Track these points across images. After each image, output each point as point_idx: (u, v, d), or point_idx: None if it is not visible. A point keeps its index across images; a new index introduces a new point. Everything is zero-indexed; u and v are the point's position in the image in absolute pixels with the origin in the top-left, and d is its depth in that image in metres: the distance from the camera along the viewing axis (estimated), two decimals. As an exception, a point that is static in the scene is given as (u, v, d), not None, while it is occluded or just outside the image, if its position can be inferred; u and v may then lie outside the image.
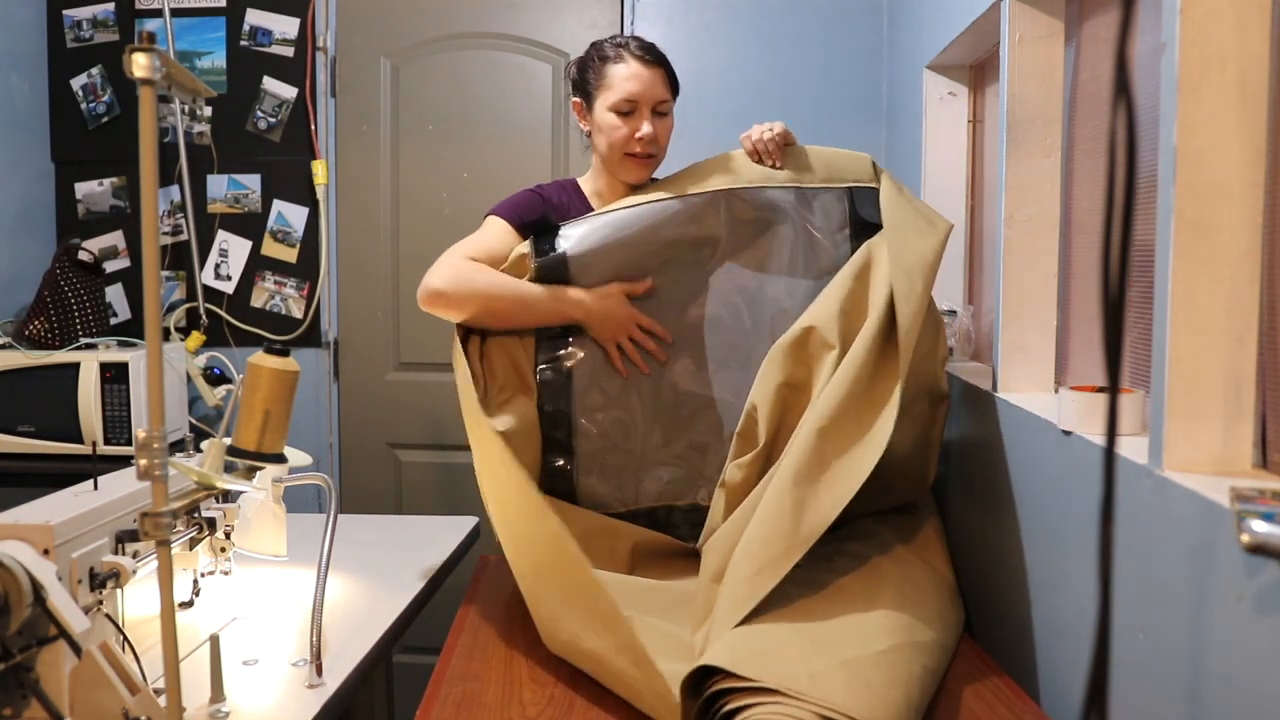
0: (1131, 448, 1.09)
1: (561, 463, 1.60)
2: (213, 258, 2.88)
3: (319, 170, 2.80)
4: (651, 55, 1.64)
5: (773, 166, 1.66)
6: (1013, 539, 1.45)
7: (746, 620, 1.22)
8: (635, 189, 1.70)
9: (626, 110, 1.62)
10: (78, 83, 2.89)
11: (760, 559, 1.26)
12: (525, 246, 1.61)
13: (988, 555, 1.57)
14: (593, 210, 1.70)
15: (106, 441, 2.43)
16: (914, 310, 1.41)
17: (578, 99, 1.71)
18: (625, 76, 1.62)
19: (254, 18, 2.83)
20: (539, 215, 1.68)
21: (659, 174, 1.74)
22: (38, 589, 0.99)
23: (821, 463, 1.32)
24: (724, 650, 1.14)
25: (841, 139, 2.72)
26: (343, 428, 2.89)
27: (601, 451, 1.61)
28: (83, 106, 2.89)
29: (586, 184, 1.77)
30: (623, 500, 1.61)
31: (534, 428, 1.59)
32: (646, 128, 1.63)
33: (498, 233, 1.65)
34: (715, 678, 1.12)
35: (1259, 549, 0.79)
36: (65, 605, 1.00)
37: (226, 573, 1.45)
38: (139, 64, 0.84)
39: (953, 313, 2.02)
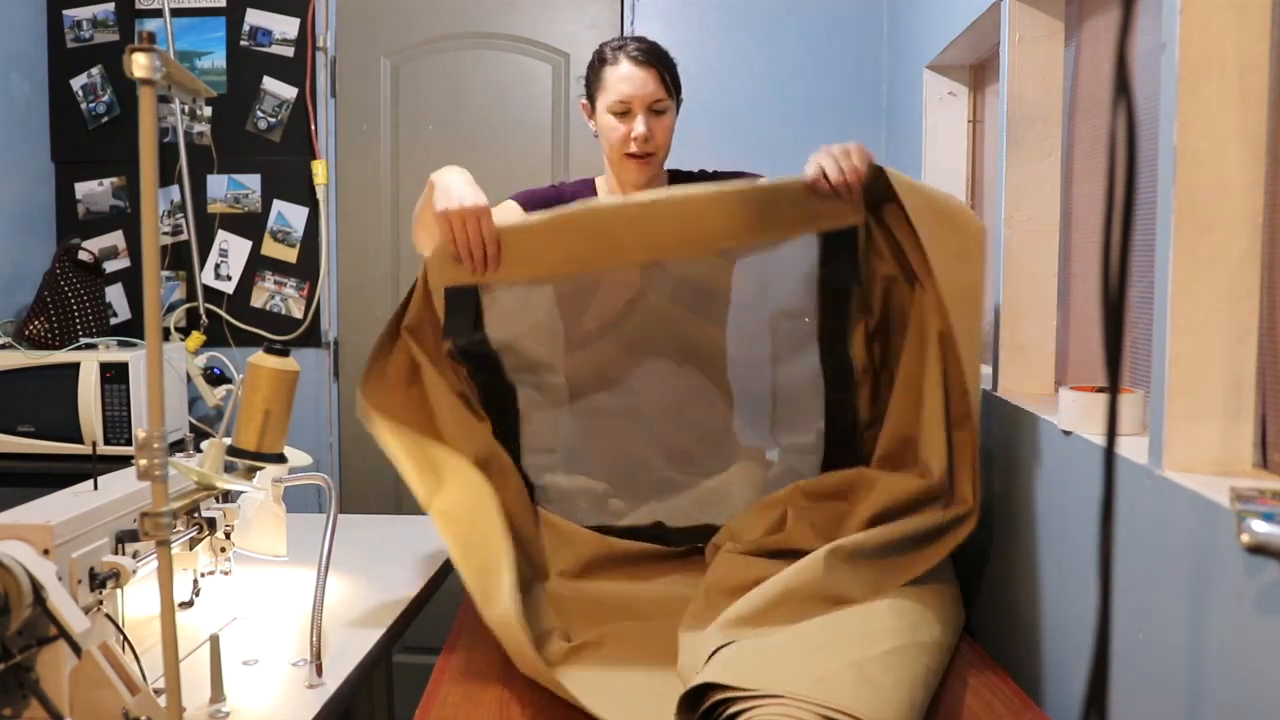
0: (1131, 448, 1.09)
1: None
2: (213, 258, 2.88)
3: (319, 170, 2.80)
4: (645, 55, 1.64)
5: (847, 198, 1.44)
6: (1012, 539, 1.45)
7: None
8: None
9: (621, 111, 1.64)
10: (78, 83, 2.89)
11: (785, 593, 1.27)
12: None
13: (987, 555, 1.57)
14: None
15: (106, 441, 2.43)
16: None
17: (585, 101, 1.73)
18: (619, 78, 1.63)
19: (254, 18, 2.83)
20: (553, 202, 1.69)
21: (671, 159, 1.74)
22: (38, 589, 0.99)
23: (873, 550, 1.32)
24: (730, 665, 1.14)
25: (842, 139, 2.72)
26: (343, 428, 2.89)
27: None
28: (83, 106, 2.89)
29: (602, 184, 1.80)
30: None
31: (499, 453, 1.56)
32: (640, 127, 1.63)
33: (505, 213, 1.67)
34: (717, 689, 1.12)
35: (1259, 549, 0.79)
36: (65, 605, 1.00)
37: (226, 573, 1.45)
38: (139, 64, 0.84)
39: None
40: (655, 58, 1.66)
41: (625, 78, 1.63)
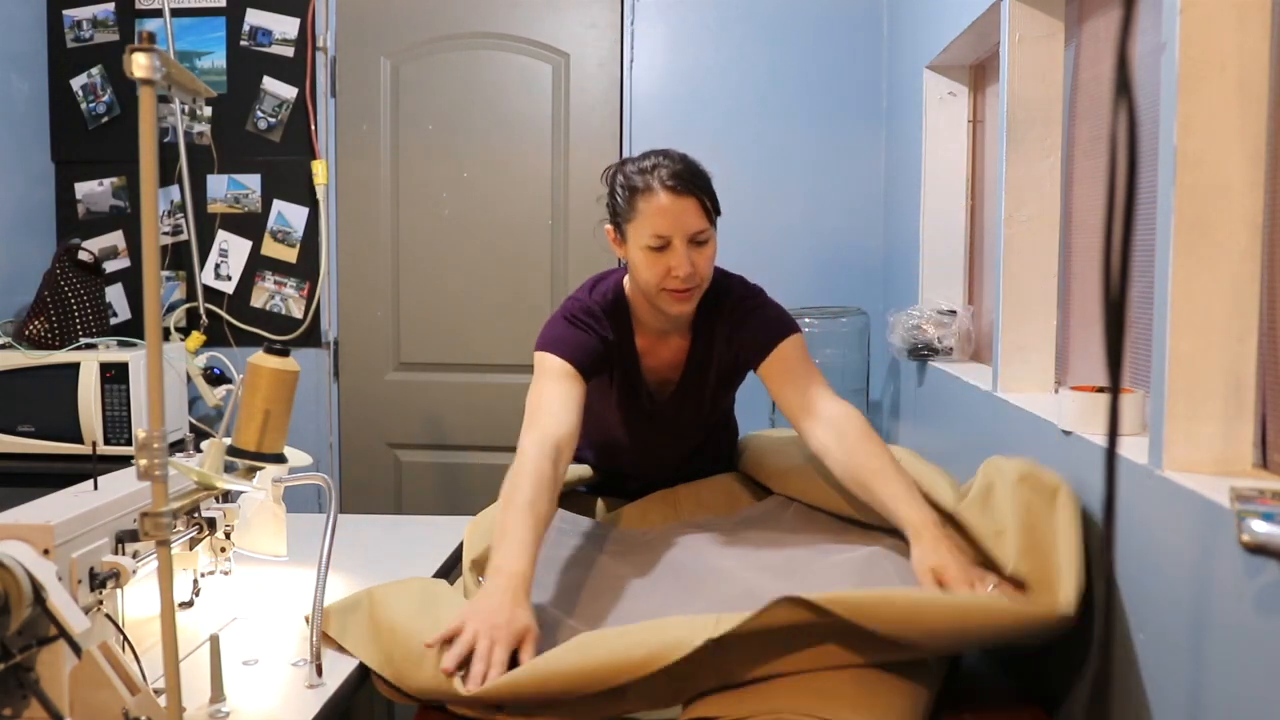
0: (1131, 448, 1.09)
1: None
2: (213, 258, 2.88)
3: (319, 170, 2.80)
4: (682, 184, 1.43)
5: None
6: (1013, 539, 1.45)
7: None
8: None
9: (658, 246, 1.44)
10: (78, 83, 2.89)
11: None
12: None
13: (988, 555, 1.57)
14: (636, 347, 1.58)
15: (106, 441, 2.44)
16: None
17: (610, 226, 1.53)
18: (654, 211, 1.43)
19: (254, 18, 2.83)
20: (599, 354, 1.53)
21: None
22: (38, 589, 0.99)
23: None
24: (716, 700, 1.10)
25: (842, 139, 2.73)
26: (343, 428, 2.89)
27: None
28: (83, 106, 2.89)
29: (633, 291, 1.56)
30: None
31: None
32: (684, 266, 1.44)
33: (568, 386, 1.47)
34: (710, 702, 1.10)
35: (1259, 549, 0.79)
36: (65, 605, 1.00)
37: (226, 573, 1.45)
38: (139, 64, 0.84)
39: (953, 313, 2.02)
40: (692, 184, 1.44)
41: (663, 211, 1.43)
